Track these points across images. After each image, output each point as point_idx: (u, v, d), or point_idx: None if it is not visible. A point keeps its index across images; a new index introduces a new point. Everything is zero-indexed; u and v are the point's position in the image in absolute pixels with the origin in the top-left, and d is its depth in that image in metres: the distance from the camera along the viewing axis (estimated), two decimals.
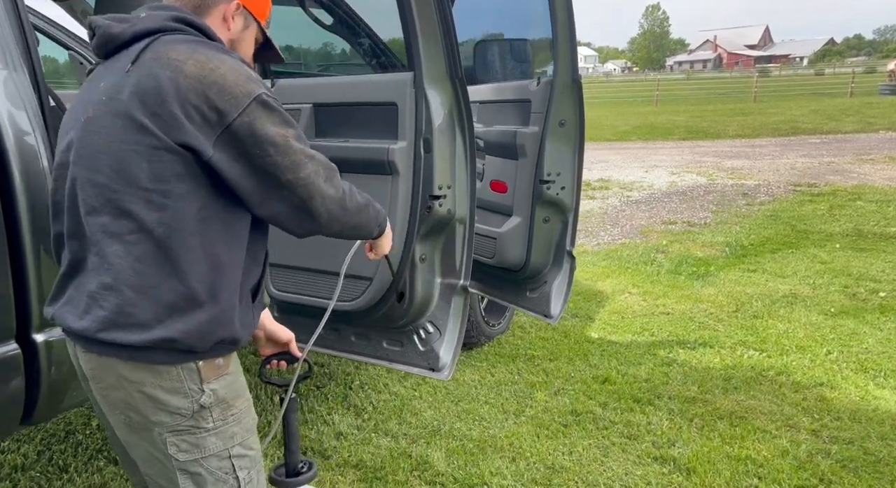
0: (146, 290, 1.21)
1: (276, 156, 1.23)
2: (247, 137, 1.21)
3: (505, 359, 3.84)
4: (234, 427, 1.34)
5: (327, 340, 2.44)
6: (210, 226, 1.24)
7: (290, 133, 1.27)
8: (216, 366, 1.30)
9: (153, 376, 1.25)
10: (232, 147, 1.21)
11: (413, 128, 2.08)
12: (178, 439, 1.29)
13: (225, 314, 1.27)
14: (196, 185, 1.22)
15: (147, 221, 1.20)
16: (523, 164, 2.73)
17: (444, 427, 3.05)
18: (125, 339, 1.21)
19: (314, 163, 1.29)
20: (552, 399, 3.35)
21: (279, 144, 1.24)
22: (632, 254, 6.19)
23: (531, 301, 2.97)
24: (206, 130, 1.19)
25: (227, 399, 1.32)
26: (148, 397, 1.26)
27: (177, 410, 1.27)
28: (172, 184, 1.20)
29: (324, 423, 3.06)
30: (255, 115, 1.21)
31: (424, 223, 2.13)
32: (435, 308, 2.25)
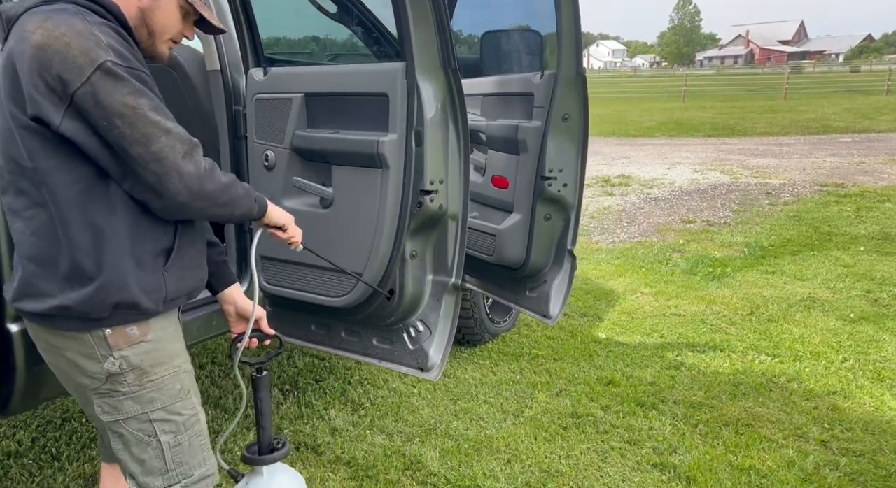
0: (43, 263, 1.30)
1: (123, 128, 1.21)
2: (92, 108, 1.21)
3: (508, 358, 3.77)
4: (152, 393, 1.40)
5: (317, 336, 2.40)
6: (89, 197, 1.27)
7: (142, 103, 1.23)
8: (127, 335, 1.36)
9: (71, 342, 1.35)
10: (81, 118, 1.22)
11: (404, 121, 2.02)
12: (101, 401, 1.39)
13: (113, 282, 1.30)
14: (65, 159, 1.25)
15: (36, 198, 1.27)
16: (525, 160, 2.65)
17: (441, 426, 2.99)
18: (31, 308, 1.33)
19: (169, 137, 1.25)
20: (553, 400, 3.28)
21: (126, 116, 1.21)
22: (647, 252, 6.06)
23: (530, 300, 2.90)
24: (54, 101, 1.20)
25: (143, 366, 1.38)
26: (70, 362, 1.37)
27: (93, 374, 1.36)
28: (42, 160, 1.24)
29: (319, 418, 3.03)
30: (99, 85, 1.19)
31: (415, 219, 2.07)
32: (426, 306, 2.19)
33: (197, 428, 1.50)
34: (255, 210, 1.50)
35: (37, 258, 1.30)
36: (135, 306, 1.35)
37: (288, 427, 2.94)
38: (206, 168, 1.31)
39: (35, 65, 1.19)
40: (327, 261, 1.94)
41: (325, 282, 2.23)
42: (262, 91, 2.28)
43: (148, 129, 1.22)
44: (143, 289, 1.35)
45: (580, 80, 2.59)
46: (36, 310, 1.33)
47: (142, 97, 1.23)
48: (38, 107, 1.20)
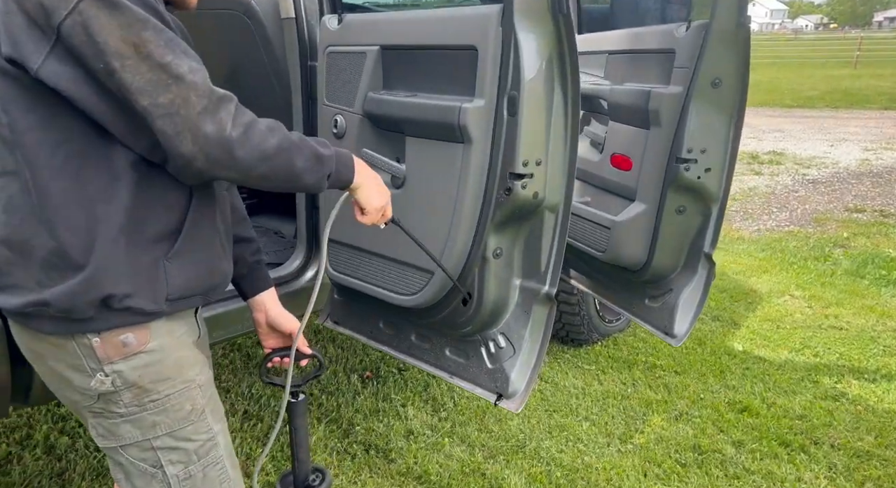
0: (18, 246, 1.03)
1: (123, 72, 0.93)
2: (83, 45, 0.92)
3: (619, 365, 3.24)
4: (155, 416, 1.14)
5: (384, 336, 2.04)
6: (82, 161, 1.00)
7: (147, 38, 0.94)
8: (120, 344, 1.09)
9: (52, 349, 1.09)
10: (71, 60, 0.94)
11: (495, 82, 1.56)
12: (95, 421, 1.15)
13: (104, 271, 1.03)
14: (48, 114, 0.98)
15: (7, 163, 1.00)
16: (655, 136, 2.08)
17: (531, 443, 2.57)
18: (3, 303, 1.07)
19: (181, 86, 0.95)
20: (671, 426, 2.74)
21: (127, 56, 0.93)
22: (800, 246, 5.17)
23: (650, 312, 2.35)
24: (35, 36, 0.93)
25: (142, 383, 1.11)
26: (54, 372, 1.12)
27: (82, 390, 1.11)
28: (16, 114, 0.98)
29: (396, 417, 2.71)
30: (90, 14, 0.91)
31: (502, 208, 1.62)
32: (510, 317, 1.75)
33: (213, 456, 1.21)
34: (323, 185, 1.17)
35: (9, 240, 1.03)
36: (126, 305, 1.06)
37: (361, 423, 2.65)
38: (234, 130, 0.99)
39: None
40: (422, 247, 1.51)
41: (395, 275, 1.85)
42: (334, 43, 1.89)
43: (154, 74, 0.94)
44: (136, 283, 1.06)
45: (742, 33, 1.97)
46: (10, 305, 1.06)
47: (146, 29, 0.94)
48: (15, 44, 0.93)
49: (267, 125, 1.05)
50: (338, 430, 2.61)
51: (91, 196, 1.01)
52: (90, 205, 1.01)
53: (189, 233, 1.11)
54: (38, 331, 1.08)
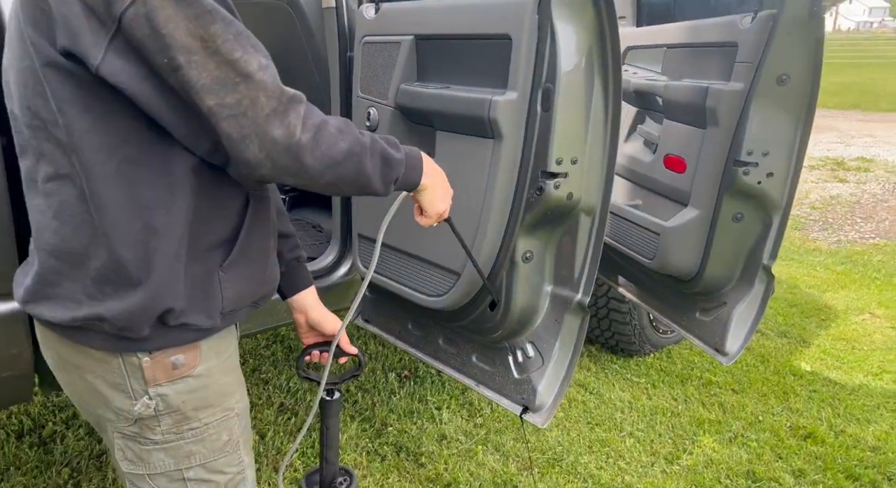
0: (69, 256, 0.95)
1: (189, 68, 0.84)
2: (146, 38, 0.83)
3: (671, 380, 3.06)
4: (192, 445, 1.07)
5: (413, 337, 1.97)
6: (138, 167, 0.92)
7: (216, 32, 0.85)
8: (170, 366, 1.02)
9: (94, 363, 1.01)
10: (131, 54, 0.85)
11: (529, 74, 1.45)
12: (124, 444, 1.07)
13: (164, 287, 0.96)
14: (105, 115, 0.89)
15: (61, 166, 0.92)
16: (712, 136, 1.92)
17: (569, 457, 2.44)
18: (50, 315, 0.99)
19: (250, 86, 0.86)
20: (723, 448, 2.55)
21: (194, 50, 0.84)
22: (886, 260, 4.78)
23: (701, 326, 2.18)
24: (94, 27, 0.84)
25: (185, 410, 1.04)
26: (90, 387, 1.04)
27: (119, 411, 1.03)
28: (74, 115, 0.89)
29: (430, 419, 2.64)
30: (154, 3, 0.82)
31: (532, 209, 1.52)
32: (539, 325, 1.64)
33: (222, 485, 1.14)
34: (390, 189, 1.08)
35: (59, 250, 0.95)
36: (182, 321, 0.99)
37: (394, 423, 2.59)
38: (304, 135, 0.90)
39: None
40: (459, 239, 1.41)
41: (423, 275, 1.78)
42: (370, 33, 1.83)
43: (222, 72, 0.85)
44: (192, 297, 0.99)
45: (814, 23, 1.79)
46: (56, 318, 0.98)
47: (215, 22, 0.85)
48: (73, 36, 0.84)
49: (337, 126, 0.96)
50: (370, 429, 2.56)
51: (148, 204, 0.93)
52: (147, 214, 0.93)
53: (244, 240, 1.04)
54: (80, 344, 1.00)
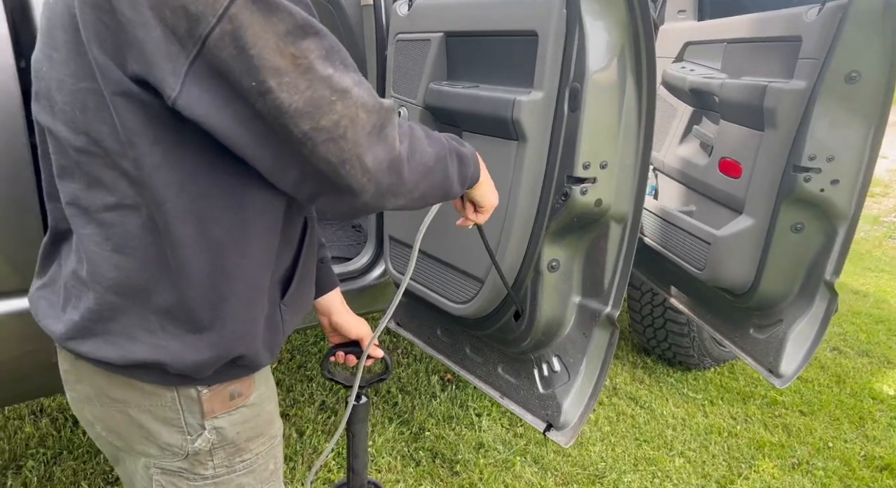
0: (132, 292, 0.85)
1: (280, 91, 0.73)
2: (231, 59, 0.72)
3: (731, 397, 2.87)
4: (243, 477, 0.99)
5: (441, 344, 1.92)
6: (210, 203, 0.83)
7: (308, 48, 0.75)
8: (227, 397, 0.95)
9: (141, 397, 0.92)
10: (213, 79, 0.74)
11: (556, 73, 1.37)
12: (166, 480, 0.97)
13: (236, 332, 0.88)
14: (175, 147, 0.79)
15: (125, 197, 0.82)
16: (770, 139, 1.75)
17: (611, 474, 2.33)
18: (96, 353, 0.88)
19: (347, 103, 0.76)
20: (784, 474, 2.36)
21: (284, 71, 0.73)
22: None
23: (754, 344, 2.01)
24: (173, 53, 0.73)
25: (239, 441, 0.97)
26: (133, 422, 0.93)
27: (167, 446, 0.94)
28: (143, 147, 0.78)
29: (469, 426, 2.58)
30: (242, 20, 0.71)
31: (558, 216, 1.43)
32: (566, 338, 1.55)
33: None
34: (464, 189, 1.02)
35: (122, 285, 0.85)
36: (254, 361, 0.94)
37: (432, 428, 2.55)
38: (402, 145, 0.84)
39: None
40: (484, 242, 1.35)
41: (450, 282, 1.72)
42: (403, 30, 1.79)
43: (316, 92, 0.75)
44: (264, 341, 0.94)
45: (890, 15, 1.60)
46: (106, 357, 0.88)
47: (307, 37, 0.75)
48: (147, 63, 0.73)
49: (422, 130, 0.89)
50: (407, 433, 2.53)
51: (220, 242, 0.85)
52: (217, 255, 0.85)
53: (301, 270, 0.98)
54: (132, 379, 0.91)
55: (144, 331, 0.86)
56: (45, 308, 0.93)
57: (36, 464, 2.17)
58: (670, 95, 2.36)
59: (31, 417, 2.44)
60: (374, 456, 2.36)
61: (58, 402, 2.55)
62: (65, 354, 0.95)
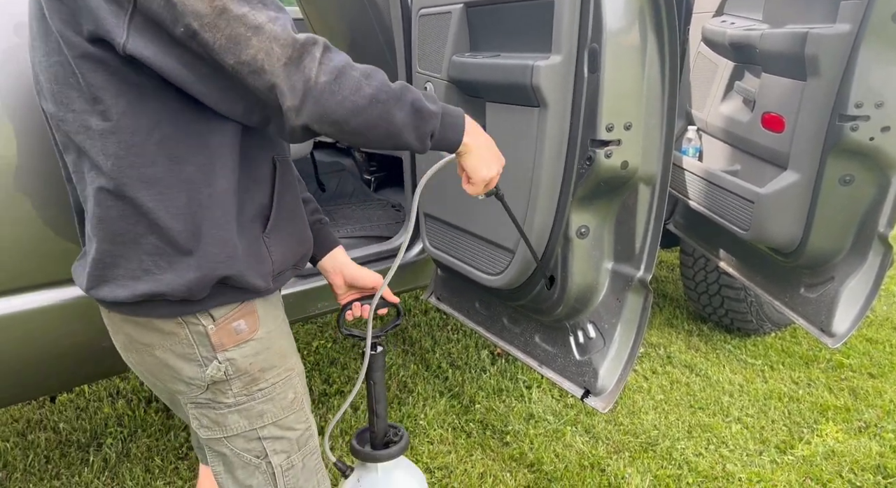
0: (120, 238, 1.00)
1: (203, 32, 0.87)
2: (161, 10, 0.86)
3: (793, 362, 2.77)
4: (262, 404, 1.11)
5: (479, 316, 1.93)
6: (176, 144, 0.96)
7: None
8: (233, 331, 1.06)
9: (161, 338, 1.06)
10: (151, 29, 0.88)
11: (574, 35, 1.34)
12: (199, 412, 1.11)
13: (217, 252, 1.00)
14: (137, 97, 0.93)
15: (95, 156, 0.96)
16: (813, 88, 1.66)
17: (664, 442, 2.30)
18: (110, 295, 1.02)
19: (261, 37, 0.88)
20: (850, 438, 2.28)
21: (204, 14, 0.86)
22: None
23: (805, 303, 1.93)
24: (114, 10, 0.88)
25: (252, 371, 1.09)
26: (161, 362, 1.08)
27: (191, 380, 1.08)
28: (109, 101, 0.93)
29: (519, 398, 2.60)
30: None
31: (584, 181, 1.41)
32: (600, 305, 1.54)
33: (311, 445, 1.21)
34: (426, 144, 1.04)
35: (110, 234, 0.99)
36: (241, 284, 1.04)
37: (482, 401, 2.58)
38: (322, 77, 0.90)
39: None
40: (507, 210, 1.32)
41: (483, 254, 1.73)
42: (426, 4, 1.79)
43: (232, 29, 0.87)
44: (247, 263, 1.04)
45: None
46: (119, 297, 1.01)
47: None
48: (96, 19, 0.87)
49: (362, 71, 0.94)
50: (458, 406, 2.57)
51: (190, 178, 0.97)
52: (191, 188, 0.97)
53: (278, 205, 1.08)
54: (149, 318, 1.04)
55: (143, 270, 0.99)
56: (78, 270, 1.09)
57: (114, 442, 2.33)
58: (711, 52, 2.27)
59: (109, 399, 2.61)
60: (427, 428, 2.41)
61: (132, 385, 2.72)
62: (102, 310, 1.10)
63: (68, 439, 2.36)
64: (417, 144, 1.02)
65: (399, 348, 3.01)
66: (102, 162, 0.95)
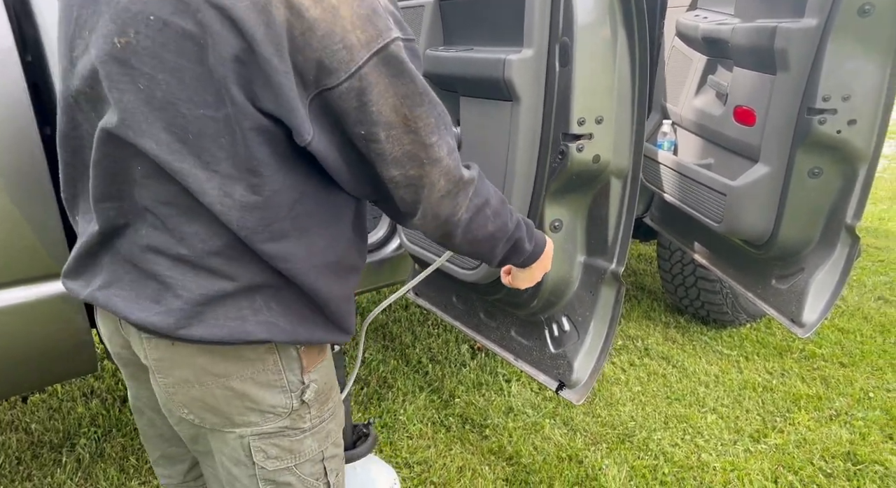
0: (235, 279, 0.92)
1: (385, 142, 0.84)
2: (351, 110, 0.82)
3: (768, 352, 2.81)
4: (330, 423, 1.07)
5: (457, 310, 1.94)
6: (308, 219, 0.92)
7: (421, 114, 0.85)
8: (318, 351, 1.02)
9: (242, 366, 0.96)
10: (326, 118, 0.84)
11: (545, 29, 1.35)
12: (268, 443, 1.01)
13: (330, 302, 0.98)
14: (294, 174, 0.88)
15: (217, 222, 0.88)
16: (782, 82, 1.68)
17: (641, 433, 2.33)
18: (211, 336, 0.91)
19: (435, 168, 0.89)
20: (821, 426, 2.32)
21: (395, 126, 0.84)
22: None
23: (777, 294, 1.96)
24: (303, 95, 0.81)
25: (326, 390, 1.05)
26: (235, 394, 0.97)
27: (271, 409, 0.99)
28: (266, 173, 0.85)
29: (498, 392, 2.61)
30: (372, 79, 0.81)
31: (557, 175, 1.42)
32: (574, 297, 1.55)
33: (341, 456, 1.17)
34: (496, 266, 1.13)
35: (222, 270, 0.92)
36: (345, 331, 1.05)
37: (462, 395, 2.59)
38: (465, 214, 0.94)
39: (286, 36, 0.77)
40: None
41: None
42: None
43: (415, 149, 0.86)
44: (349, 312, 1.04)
45: None
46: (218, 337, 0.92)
47: (423, 104, 0.85)
48: (278, 96, 0.80)
49: (494, 209, 0.99)
50: (438, 401, 2.58)
51: (313, 247, 0.94)
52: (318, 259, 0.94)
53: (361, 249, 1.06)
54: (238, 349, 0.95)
55: (251, 310, 0.91)
56: (126, 304, 0.93)
57: (88, 442, 2.30)
58: (685, 46, 2.29)
59: (83, 399, 2.58)
60: (406, 423, 2.41)
61: (107, 384, 2.69)
62: (156, 342, 0.95)
63: (41, 440, 2.33)
64: (493, 266, 1.10)
65: (379, 343, 3.00)
66: (224, 230, 0.87)
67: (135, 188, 0.89)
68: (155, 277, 0.91)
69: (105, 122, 0.86)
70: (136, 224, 0.91)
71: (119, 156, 0.88)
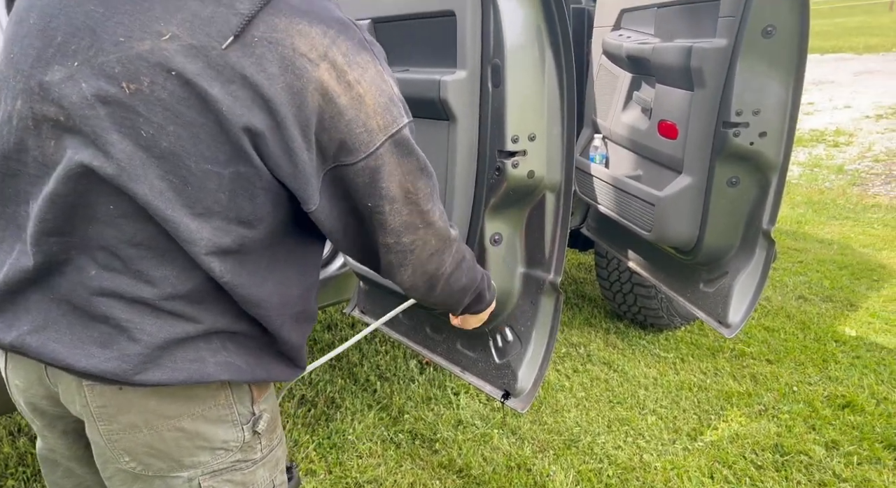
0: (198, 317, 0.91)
1: (388, 215, 0.92)
2: (362, 185, 0.89)
3: (701, 353, 2.95)
4: (278, 450, 1.08)
5: (403, 327, 1.96)
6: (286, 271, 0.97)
7: (420, 187, 0.94)
8: (264, 382, 1.03)
9: (193, 405, 0.94)
10: (335, 189, 0.90)
11: (477, 51, 1.41)
12: (220, 480, 0.99)
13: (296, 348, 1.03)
14: (280, 227, 0.93)
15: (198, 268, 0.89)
16: (700, 98, 1.81)
17: (586, 438, 2.40)
18: (167, 380, 0.88)
19: (428, 231, 0.98)
20: (752, 422, 2.45)
21: (398, 200, 0.92)
22: None
23: (703, 298, 2.08)
24: (318, 167, 0.87)
25: (273, 418, 1.05)
26: (185, 435, 0.94)
27: (223, 445, 0.98)
28: (260, 228, 0.90)
29: (447, 405, 2.64)
30: (385, 160, 0.89)
31: (495, 191, 1.48)
32: (515, 308, 1.60)
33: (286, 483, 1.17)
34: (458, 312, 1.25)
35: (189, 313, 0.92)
36: None
37: (411, 411, 2.61)
38: (448, 269, 1.05)
39: (315, 119, 0.83)
40: None
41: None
42: None
43: (411, 218, 0.94)
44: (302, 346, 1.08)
45: None
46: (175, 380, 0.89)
47: (422, 177, 0.94)
48: (300, 179, 0.85)
49: (468, 263, 1.11)
50: (387, 418, 2.59)
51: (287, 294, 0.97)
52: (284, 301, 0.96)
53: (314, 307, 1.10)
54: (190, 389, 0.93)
55: (209, 351, 0.91)
56: (68, 351, 0.87)
57: (17, 483, 2.20)
58: (611, 64, 2.41)
59: (10, 438, 2.46)
60: (355, 442, 2.41)
61: None
62: (100, 389, 0.91)
63: None
64: (457, 312, 1.22)
65: (326, 363, 2.99)
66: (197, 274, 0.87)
67: (93, 225, 0.85)
68: (105, 320, 0.86)
69: (84, 159, 0.81)
70: (79, 262, 0.86)
71: (90, 193, 0.84)
